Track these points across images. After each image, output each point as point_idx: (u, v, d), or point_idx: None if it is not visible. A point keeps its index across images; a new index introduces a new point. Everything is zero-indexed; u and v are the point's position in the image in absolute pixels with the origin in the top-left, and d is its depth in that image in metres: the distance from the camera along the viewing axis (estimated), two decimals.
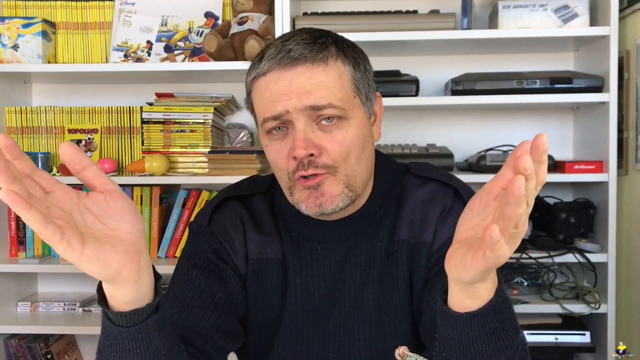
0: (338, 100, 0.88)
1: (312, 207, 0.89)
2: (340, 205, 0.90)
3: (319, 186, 0.88)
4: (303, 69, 0.87)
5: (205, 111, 1.99)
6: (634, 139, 1.81)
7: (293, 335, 0.98)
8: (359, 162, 0.91)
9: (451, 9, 1.97)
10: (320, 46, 0.89)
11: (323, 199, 0.89)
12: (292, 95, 0.86)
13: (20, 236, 2.06)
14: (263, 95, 0.89)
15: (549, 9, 1.85)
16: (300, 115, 0.87)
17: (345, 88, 0.89)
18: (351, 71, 0.91)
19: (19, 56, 1.99)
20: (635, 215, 1.83)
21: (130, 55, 2.04)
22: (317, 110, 0.87)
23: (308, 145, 0.86)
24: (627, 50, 1.84)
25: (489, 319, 0.71)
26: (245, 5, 1.91)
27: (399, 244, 0.96)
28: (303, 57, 0.87)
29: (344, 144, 0.88)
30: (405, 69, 1.99)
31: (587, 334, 1.86)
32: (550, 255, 1.84)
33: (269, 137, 0.91)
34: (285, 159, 0.89)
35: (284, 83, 0.87)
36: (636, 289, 1.83)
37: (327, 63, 0.88)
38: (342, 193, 0.89)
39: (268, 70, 0.88)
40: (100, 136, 2.07)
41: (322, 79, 0.87)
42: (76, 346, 2.21)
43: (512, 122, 2.12)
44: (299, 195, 0.90)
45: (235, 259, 0.99)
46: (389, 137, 2.08)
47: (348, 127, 0.89)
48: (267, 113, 0.89)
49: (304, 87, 0.86)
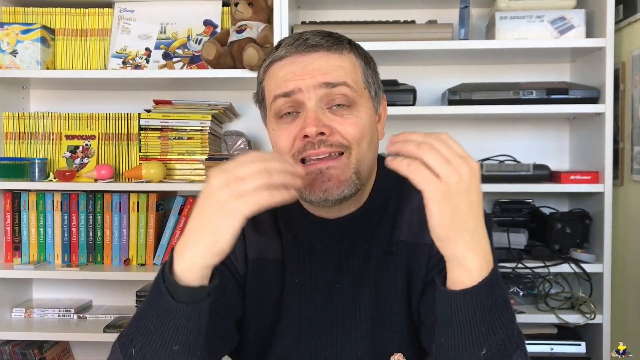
0: (352, 82, 0.90)
1: (317, 193, 0.89)
2: (346, 192, 0.89)
3: (327, 169, 0.88)
4: (319, 55, 0.90)
5: (203, 118, 1.99)
6: (630, 150, 1.82)
7: (290, 334, 0.98)
8: (370, 148, 0.93)
9: (449, 20, 1.98)
10: (336, 39, 0.93)
11: (330, 183, 0.88)
12: (306, 75, 0.89)
13: (16, 242, 2.06)
14: (277, 76, 0.91)
15: (546, 20, 1.86)
16: (312, 94, 0.88)
17: (358, 75, 0.93)
18: (363, 66, 0.95)
19: (17, 62, 1.99)
20: (630, 226, 1.84)
21: (129, 62, 2.04)
22: (332, 88, 0.88)
23: (319, 124, 0.87)
24: (622, 62, 1.86)
25: (483, 297, 0.74)
26: (244, 13, 1.91)
27: (397, 245, 0.97)
28: (319, 45, 0.90)
29: (357, 127, 0.90)
30: (402, 78, 1.99)
31: (582, 344, 1.86)
32: (545, 265, 1.84)
33: (277, 122, 0.92)
34: (292, 140, 0.89)
35: (299, 66, 0.90)
36: (632, 299, 1.84)
37: (342, 53, 0.92)
38: (349, 179, 0.89)
39: (285, 55, 0.91)
40: (97, 142, 2.07)
41: (337, 63, 0.91)
42: (70, 353, 2.20)
43: (509, 132, 2.13)
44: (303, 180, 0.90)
45: (234, 260, 0.99)
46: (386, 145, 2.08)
47: (359, 112, 0.91)
48: (277, 90, 0.90)
49: (319, 68, 0.89)
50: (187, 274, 0.75)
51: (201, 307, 0.77)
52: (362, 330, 0.96)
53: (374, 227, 0.98)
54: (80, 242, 2.04)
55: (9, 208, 2.05)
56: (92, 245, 2.04)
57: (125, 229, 2.02)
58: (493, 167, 1.92)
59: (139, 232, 2.02)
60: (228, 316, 0.96)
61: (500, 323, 0.75)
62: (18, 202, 2.05)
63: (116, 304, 2.17)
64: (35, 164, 1.99)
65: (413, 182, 0.73)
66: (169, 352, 0.77)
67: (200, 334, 0.78)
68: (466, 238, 0.73)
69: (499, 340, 0.75)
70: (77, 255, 2.04)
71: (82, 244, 2.04)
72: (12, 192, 2.05)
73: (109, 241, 2.03)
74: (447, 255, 0.76)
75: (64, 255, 2.05)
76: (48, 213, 2.04)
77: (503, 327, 0.76)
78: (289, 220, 1.00)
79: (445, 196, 0.71)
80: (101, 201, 2.03)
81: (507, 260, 1.85)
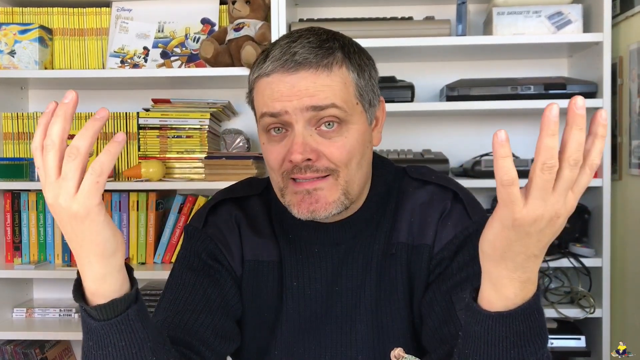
0: (342, 102, 0.87)
1: (305, 212, 0.88)
2: (334, 212, 0.89)
3: (314, 190, 0.88)
4: (306, 74, 0.86)
5: (202, 117, 1.99)
6: (628, 144, 1.82)
7: (290, 337, 0.97)
8: (359, 168, 0.91)
9: (446, 16, 1.98)
10: (326, 51, 0.87)
11: (317, 205, 0.88)
12: (293, 97, 0.86)
13: (16, 242, 2.06)
14: (264, 93, 0.89)
15: (543, 15, 1.86)
16: (300, 117, 0.86)
17: (349, 94, 0.89)
18: (355, 79, 0.90)
19: (15, 62, 1.99)
20: (629, 220, 1.84)
21: (127, 61, 2.04)
22: (319, 111, 0.86)
23: (306, 150, 0.86)
24: (620, 57, 1.86)
25: (518, 322, 0.70)
26: (241, 11, 1.91)
27: (398, 247, 0.96)
28: (307, 62, 0.86)
29: (344, 150, 0.87)
30: (400, 75, 2.00)
31: (582, 338, 1.87)
32: (545, 260, 1.85)
33: (267, 137, 0.91)
34: (280, 160, 0.89)
35: (286, 86, 0.86)
36: (631, 293, 1.84)
37: (332, 70, 0.87)
38: (337, 200, 0.89)
39: (271, 72, 0.87)
40: (96, 142, 2.06)
41: (325, 83, 0.86)
42: (72, 352, 2.21)
43: (507, 127, 2.10)
44: (290, 198, 0.90)
45: (231, 260, 0.99)
46: (385, 142, 2.06)
47: (348, 132, 0.88)
48: (264, 108, 0.88)
49: (307, 90, 0.86)
50: (100, 290, 0.72)
51: (128, 316, 0.73)
52: (362, 333, 0.95)
53: (373, 229, 0.97)
54: None
55: (8, 208, 2.05)
56: None
57: (125, 228, 2.03)
58: (491, 162, 1.90)
59: (139, 231, 2.03)
60: (228, 315, 0.96)
61: (532, 348, 0.72)
62: (18, 202, 2.05)
63: None
64: (34, 164, 1.99)
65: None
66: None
67: (144, 341, 0.75)
68: (509, 266, 0.68)
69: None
70: None
71: None
72: (12, 192, 2.05)
73: None
74: (485, 271, 0.71)
75: (64, 254, 2.05)
76: (48, 213, 2.05)
77: (534, 351, 0.72)
78: (285, 224, 0.99)
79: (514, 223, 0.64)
80: None
81: None
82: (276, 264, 0.99)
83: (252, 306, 0.99)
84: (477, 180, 1.86)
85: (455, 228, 0.95)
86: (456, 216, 0.96)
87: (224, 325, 0.95)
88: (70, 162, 0.66)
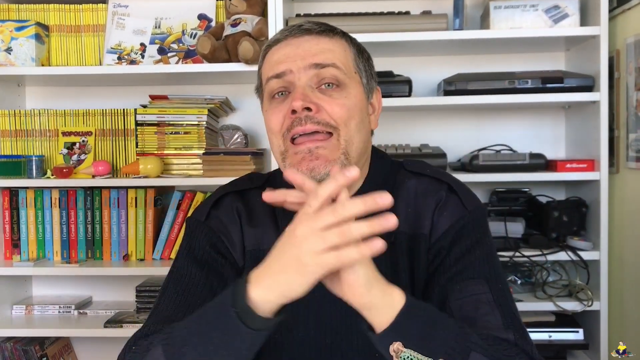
0: (342, 64, 0.94)
1: (305, 170, 0.90)
2: (334, 170, 0.90)
3: (316, 149, 0.90)
4: (310, 37, 0.95)
5: (199, 113, 1.99)
6: (625, 138, 1.82)
7: (290, 322, 0.98)
8: (358, 130, 0.94)
9: (443, 10, 1.98)
10: (330, 28, 0.98)
11: (317, 162, 0.90)
12: (297, 57, 0.93)
13: (15, 239, 2.06)
14: (271, 59, 0.96)
15: (540, 9, 1.86)
16: (302, 74, 0.92)
17: (348, 60, 0.96)
18: (355, 53, 0.98)
19: (12, 59, 1.99)
20: (626, 213, 1.85)
21: (124, 57, 2.04)
22: (320, 69, 0.92)
23: (306, 99, 0.90)
24: (617, 50, 1.86)
25: (406, 327, 0.75)
26: (238, 7, 1.91)
27: (398, 235, 0.97)
28: (312, 29, 0.95)
29: (344, 107, 0.92)
30: (398, 69, 2.00)
31: (580, 331, 1.88)
32: (543, 254, 1.85)
33: (270, 102, 0.96)
34: (282, 119, 0.92)
35: (292, 48, 0.94)
36: (628, 286, 1.85)
37: (334, 37, 0.97)
38: (338, 159, 0.91)
39: (279, 39, 0.96)
40: (94, 138, 2.07)
41: (328, 46, 0.95)
42: (71, 349, 2.21)
43: (505, 121, 2.13)
44: (291, 160, 0.91)
45: (234, 252, 1.00)
46: (382, 137, 2.09)
47: (347, 94, 0.94)
48: (270, 72, 0.95)
49: (310, 50, 0.93)
50: (260, 305, 0.76)
51: (264, 335, 0.78)
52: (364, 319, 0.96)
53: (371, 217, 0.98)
54: (79, 238, 2.04)
55: (7, 205, 2.05)
56: (91, 241, 2.05)
57: (123, 224, 2.03)
58: (489, 156, 1.92)
59: (137, 227, 2.03)
60: None
61: (437, 342, 0.76)
62: (16, 199, 2.05)
63: (116, 299, 2.18)
64: (32, 161, 1.99)
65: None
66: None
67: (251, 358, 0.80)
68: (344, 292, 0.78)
69: (442, 354, 0.75)
70: (77, 252, 2.05)
71: (81, 240, 2.05)
72: (10, 189, 2.05)
73: (107, 237, 2.04)
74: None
75: (63, 251, 2.05)
76: (46, 210, 2.05)
77: (441, 343, 0.76)
78: (288, 213, 1.00)
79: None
80: (99, 197, 2.03)
81: (505, 249, 1.86)
82: None
83: None
84: (474, 174, 1.87)
85: (451, 218, 0.97)
86: (452, 206, 0.97)
87: None
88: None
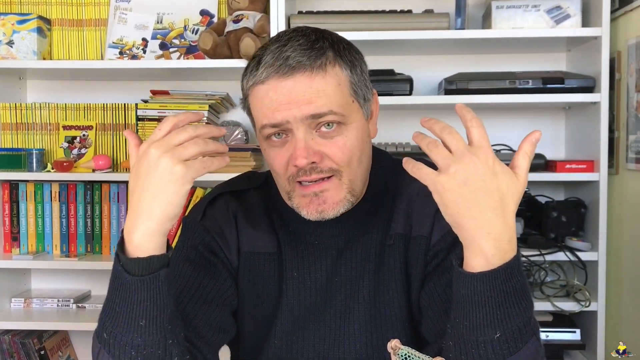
0: (338, 107, 0.89)
1: (314, 214, 0.91)
2: (342, 211, 0.92)
3: (321, 192, 0.91)
4: (302, 78, 0.87)
5: (200, 109, 1.99)
6: (625, 139, 1.83)
7: (289, 327, 0.99)
8: (360, 164, 0.94)
9: (445, 9, 1.98)
10: (318, 52, 0.89)
11: (325, 205, 0.91)
12: (291, 105, 0.87)
13: (15, 232, 2.06)
14: (262, 103, 0.90)
15: (542, 9, 1.87)
16: (300, 124, 0.88)
17: (344, 94, 0.90)
18: (349, 76, 0.91)
19: (14, 52, 1.99)
20: (625, 214, 1.85)
21: (126, 52, 2.04)
22: (318, 118, 0.88)
23: (309, 154, 0.88)
24: (618, 51, 1.86)
25: (500, 281, 0.74)
26: (240, 3, 1.91)
27: (395, 237, 0.98)
28: (302, 66, 0.87)
29: (345, 149, 0.90)
30: (399, 68, 2.00)
31: (577, 331, 1.88)
32: (541, 254, 1.86)
33: (267, 143, 0.93)
34: (285, 165, 0.91)
35: (284, 92, 0.87)
36: (626, 287, 1.85)
37: (326, 70, 0.89)
38: (344, 199, 0.92)
39: (266, 79, 0.88)
40: (95, 133, 2.07)
41: (321, 87, 0.88)
42: (70, 342, 2.22)
43: (505, 121, 2.13)
44: (299, 201, 0.92)
45: (227, 252, 1.00)
46: (383, 135, 2.08)
47: (347, 132, 0.91)
48: (265, 120, 0.89)
49: (304, 96, 0.87)
50: (145, 244, 0.77)
51: (159, 276, 0.78)
52: (361, 322, 0.97)
53: (371, 220, 0.99)
54: (78, 232, 2.05)
55: (7, 199, 2.06)
56: (90, 235, 2.05)
57: (123, 219, 2.03)
58: None
59: None
60: (223, 306, 0.97)
61: (516, 309, 0.75)
62: (16, 192, 2.05)
63: None
64: (32, 155, 1.99)
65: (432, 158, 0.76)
66: (137, 329, 0.78)
67: (166, 306, 0.79)
68: (472, 224, 0.73)
69: (514, 325, 0.75)
70: (76, 246, 2.05)
71: (81, 234, 2.05)
72: (10, 182, 2.05)
73: (107, 231, 2.04)
74: (460, 237, 0.77)
75: (63, 245, 2.05)
76: (46, 203, 2.05)
77: (519, 313, 0.75)
78: (284, 217, 1.01)
79: (444, 185, 0.74)
80: (99, 191, 2.04)
81: None
82: (275, 255, 1.00)
83: (249, 297, 1.00)
84: None
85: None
86: None
87: (218, 317, 0.96)
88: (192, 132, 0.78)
